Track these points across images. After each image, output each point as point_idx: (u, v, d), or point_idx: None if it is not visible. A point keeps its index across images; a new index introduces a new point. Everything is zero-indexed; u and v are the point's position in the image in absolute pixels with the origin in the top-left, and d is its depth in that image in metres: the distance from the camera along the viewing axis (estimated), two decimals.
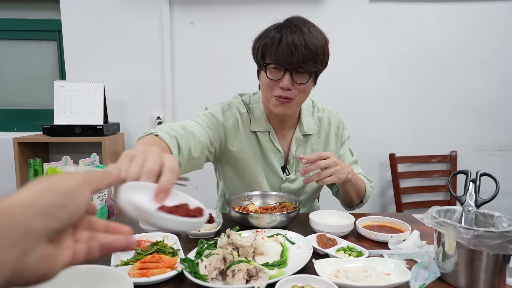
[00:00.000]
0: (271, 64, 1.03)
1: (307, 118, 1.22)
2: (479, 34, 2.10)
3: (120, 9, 2.12)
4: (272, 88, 1.06)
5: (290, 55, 0.98)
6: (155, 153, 0.56)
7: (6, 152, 2.03)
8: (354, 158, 1.30)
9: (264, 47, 1.03)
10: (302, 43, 0.98)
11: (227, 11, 2.10)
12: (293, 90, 1.04)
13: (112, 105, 2.16)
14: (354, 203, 1.23)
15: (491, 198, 0.79)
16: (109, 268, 0.68)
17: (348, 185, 1.10)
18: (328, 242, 0.90)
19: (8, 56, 2.31)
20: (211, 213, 1.12)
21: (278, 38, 1.00)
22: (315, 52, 1.01)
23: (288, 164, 1.22)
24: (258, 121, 1.17)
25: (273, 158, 1.19)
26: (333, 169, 0.99)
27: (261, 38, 1.06)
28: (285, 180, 1.22)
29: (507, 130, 2.18)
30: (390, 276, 0.73)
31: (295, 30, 1.00)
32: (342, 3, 2.10)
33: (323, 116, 1.25)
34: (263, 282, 0.68)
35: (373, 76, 2.16)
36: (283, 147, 1.21)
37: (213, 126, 1.12)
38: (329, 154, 1.00)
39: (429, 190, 2.19)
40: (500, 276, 0.70)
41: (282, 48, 0.98)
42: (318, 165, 0.98)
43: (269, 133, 1.18)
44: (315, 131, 1.23)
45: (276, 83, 1.04)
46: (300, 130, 1.21)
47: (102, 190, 0.47)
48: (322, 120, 1.25)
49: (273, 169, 1.20)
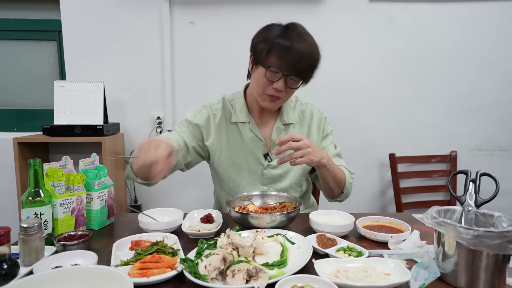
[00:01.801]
0: (272, 67, 1.08)
1: (287, 110, 1.30)
2: (479, 34, 2.10)
3: (120, 9, 2.12)
4: (266, 87, 1.13)
5: (297, 63, 1.06)
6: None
7: (6, 152, 2.03)
8: (337, 151, 1.35)
9: (272, 49, 1.07)
10: (309, 54, 1.08)
11: (227, 11, 2.10)
12: (283, 91, 1.13)
13: (112, 105, 2.16)
14: (334, 193, 1.24)
15: (491, 198, 0.79)
16: (109, 268, 0.68)
17: (325, 172, 1.13)
18: (328, 242, 0.90)
19: (8, 56, 2.31)
20: (211, 213, 1.12)
21: (288, 45, 1.06)
22: (315, 65, 1.12)
23: (270, 152, 1.28)
24: (239, 113, 1.26)
25: (254, 146, 1.26)
26: (304, 151, 1.03)
27: (265, 40, 1.10)
28: (267, 166, 1.27)
29: (507, 130, 2.18)
30: (390, 276, 0.73)
31: (301, 40, 1.07)
32: (342, 3, 2.10)
33: (305, 109, 1.33)
34: (263, 282, 0.68)
35: (373, 76, 2.15)
36: (265, 136, 1.27)
37: (186, 129, 1.26)
38: (301, 137, 1.05)
39: (429, 190, 2.19)
40: (500, 276, 0.70)
41: (292, 56, 1.06)
42: (289, 145, 1.03)
43: (250, 124, 1.26)
44: (295, 121, 1.30)
45: (270, 83, 1.11)
46: (281, 120, 1.28)
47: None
48: (305, 112, 1.33)
49: (255, 157, 1.26)
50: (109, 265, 0.80)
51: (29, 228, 0.81)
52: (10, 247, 0.76)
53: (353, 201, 2.26)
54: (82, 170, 1.09)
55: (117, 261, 0.82)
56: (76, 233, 0.93)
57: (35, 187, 0.93)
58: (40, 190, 0.94)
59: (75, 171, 1.08)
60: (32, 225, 0.82)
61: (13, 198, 2.03)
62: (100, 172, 1.10)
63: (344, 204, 2.23)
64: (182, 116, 1.31)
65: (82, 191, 1.05)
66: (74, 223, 1.03)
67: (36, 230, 0.82)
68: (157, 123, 2.19)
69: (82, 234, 0.93)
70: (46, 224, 0.95)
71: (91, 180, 1.08)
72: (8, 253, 0.75)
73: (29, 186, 0.93)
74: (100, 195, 1.10)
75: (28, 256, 0.81)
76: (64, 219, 1.00)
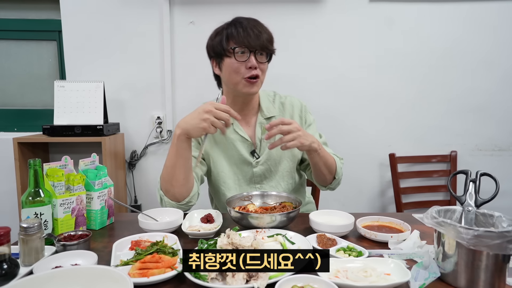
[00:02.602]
0: (238, 48, 1.14)
1: (266, 104, 1.32)
2: (479, 33, 2.10)
3: (120, 9, 2.12)
4: (239, 71, 1.16)
5: (257, 38, 1.14)
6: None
7: (6, 152, 2.03)
8: (323, 139, 1.35)
9: (230, 35, 1.16)
10: (263, 30, 1.18)
11: (227, 11, 2.09)
12: (257, 69, 1.17)
13: (112, 105, 2.16)
14: (327, 179, 1.24)
15: (491, 198, 0.79)
16: (109, 268, 0.68)
17: (316, 157, 1.14)
18: (328, 242, 0.90)
19: (8, 56, 2.31)
20: (211, 213, 1.12)
21: (241, 25, 1.16)
22: (272, 37, 1.21)
23: (256, 149, 1.29)
24: None
25: (241, 147, 1.28)
26: (295, 134, 1.05)
27: (218, 33, 1.20)
28: (255, 164, 1.28)
29: (507, 130, 2.18)
30: (390, 276, 0.73)
31: (249, 19, 1.20)
32: (342, 3, 2.09)
33: (285, 101, 1.35)
34: (263, 282, 0.68)
35: (373, 76, 2.15)
36: (249, 135, 1.30)
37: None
38: (291, 121, 1.07)
39: (429, 190, 2.19)
40: (500, 276, 0.70)
41: (249, 33, 1.14)
42: (279, 129, 1.04)
43: (233, 125, 1.28)
44: (276, 113, 1.32)
45: (243, 64, 1.16)
46: (262, 115, 1.31)
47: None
48: (285, 104, 1.34)
49: (243, 157, 1.28)
50: (109, 265, 0.80)
51: (29, 228, 0.81)
52: (10, 247, 0.76)
53: (353, 201, 2.27)
54: (82, 170, 1.09)
55: (117, 261, 0.82)
56: (76, 233, 0.93)
57: (35, 187, 0.93)
58: (40, 190, 0.94)
59: (75, 171, 1.08)
60: (32, 225, 0.82)
61: (13, 198, 2.03)
62: (100, 172, 1.11)
63: (344, 204, 2.24)
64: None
65: (82, 191, 1.05)
66: (74, 223, 1.03)
67: (36, 230, 0.82)
68: (157, 123, 2.18)
69: (82, 234, 0.93)
70: (46, 224, 0.95)
71: (91, 180, 1.08)
72: (8, 253, 0.75)
73: (29, 186, 0.93)
74: (100, 195, 1.10)
75: (28, 256, 0.81)
76: (64, 219, 1.00)
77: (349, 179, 2.22)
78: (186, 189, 1.13)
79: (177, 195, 1.13)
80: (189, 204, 1.16)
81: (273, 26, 1.28)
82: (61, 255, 0.83)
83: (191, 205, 1.18)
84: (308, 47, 2.13)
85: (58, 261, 0.81)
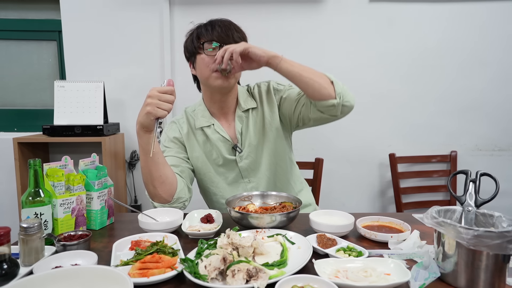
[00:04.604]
0: (206, 43, 1.18)
1: (244, 98, 1.32)
2: (479, 33, 2.10)
3: (120, 9, 2.12)
4: (209, 65, 1.18)
5: (225, 33, 1.17)
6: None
7: (6, 152, 2.03)
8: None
9: (200, 33, 1.20)
10: (232, 25, 1.21)
11: (227, 11, 2.10)
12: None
13: (112, 105, 2.16)
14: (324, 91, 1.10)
15: (491, 198, 0.79)
16: (109, 268, 0.68)
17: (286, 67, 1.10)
18: (328, 242, 0.90)
19: (8, 56, 2.31)
20: (211, 213, 1.12)
21: (211, 24, 1.20)
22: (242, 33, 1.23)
23: (238, 143, 1.29)
24: (201, 118, 1.31)
25: (223, 147, 1.29)
26: (233, 48, 1.08)
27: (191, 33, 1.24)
28: (240, 159, 1.29)
29: (507, 130, 2.18)
30: (390, 276, 0.73)
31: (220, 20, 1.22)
32: (342, 3, 2.10)
33: (255, 90, 1.34)
34: (263, 282, 0.68)
35: (373, 76, 2.15)
36: (230, 133, 1.30)
37: (172, 145, 1.30)
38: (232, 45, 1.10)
39: (429, 190, 2.19)
40: (500, 276, 0.70)
41: (217, 29, 1.18)
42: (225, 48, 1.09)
43: (214, 125, 1.29)
44: (253, 105, 1.31)
45: (212, 58, 1.16)
46: (239, 108, 1.30)
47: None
48: (255, 94, 1.34)
49: (226, 156, 1.28)
50: (109, 265, 0.80)
51: (29, 228, 0.81)
52: (10, 247, 0.76)
53: (353, 201, 2.27)
54: (82, 170, 1.09)
55: (117, 261, 0.82)
56: (76, 233, 0.93)
57: (35, 187, 0.93)
58: (40, 190, 0.94)
59: (75, 171, 1.08)
60: (32, 225, 0.82)
61: (13, 198, 2.03)
62: (100, 172, 1.10)
63: (344, 204, 2.24)
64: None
65: (82, 191, 1.05)
66: (74, 223, 1.03)
67: (36, 230, 0.82)
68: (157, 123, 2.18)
69: (82, 234, 0.93)
70: (46, 224, 0.95)
71: (91, 180, 1.08)
72: (8, 253, 0.75)
73: (29, 186, 0.93)
74: (100, 195, 1.10)
75: (28, 256, 0.81)
76: (64, 219, 1.00)
77: (349, 179, 2.23)
78: (169, 186, 1.13)
79: (163, 195, 1.14)
80: (180, 200, 1.16)
81: (273, 26, 1.28)
82: (61, 255, 0.83)
83: (184, 201, 1.18)
84: (307, 47, 2.13)
85: (58, 261, 0.81)
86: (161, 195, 1.14)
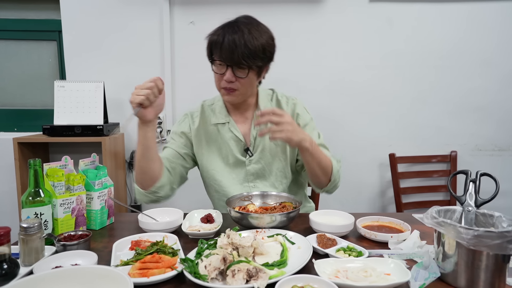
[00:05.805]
0: (216, 60, 1.15)
1: (264, 102, 1.30)
2: (479, 34, 2.10)
3: (120, 9, 2.12)
4: (219, 81, 1.17)
5: (231, 53, 1.09)
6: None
7: (6, 152, 2.03)
8: (320, 141, 1.28)
9: (211, 44, 1.16)
10: (242, 43, 1.09)
11: (227, 11, 2.08)
12: (235, 82, 1.15)
13: (112, 105, 2.15)
14: (322, 181, 1.18)
15: (491, 198, 0.79)
16: (109, 268, 0.68)
17: (308, 156, 1.10)
18: (328, 242, 0.90)
19: (8, 56, 2.31)
20: (211, 213, 1.12)
21: (222, 38, 1.12)
22: (254, 51, 1.11)
23: (250, 146, 1.28)
24: (218, 114, 1.30)
25: (234, 146, 1.27)
26: (284, 127, 1.02)
27: (211, 35, 1.17)
28: (249, 162, 1.27)
29: (507, 130, 2.18)
30: (390, 276, 0.73)
31: (236, 31, 1.11)
32: (342, 3, 2.09)
33: (283, 103, 1.32)
34: (263, 282, 0.68)
35: (373, 76, 2.15)
36: (245, 132, 1.28)
37: (175, 140, 1.30)
38: (284, 113, 1.04)
39: (429, 190, 2.19)
40: (500, 276, 0.70)
41: (225, 46, 1.10)
42: (269, 118, 1.02)
43: (229, 124, 1.28)
44: None
45: (221, 76, 1.15)
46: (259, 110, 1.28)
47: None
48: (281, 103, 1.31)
49: (236, 155, 1.27)
50: (109, 265, 0.80)
51: (29, 228, 0.81)
52: (10, 247, 0.76)
53: (353, 201, 2.27)
54: (82, 170, 1.09)
55: (117, 261, 0.82)
56: (76, 233, 0.93)
57: (35, 187, 0.93)
58: (40, 190, 0.94)
59: (75, 171, 1.08)
60: (32, 225, 0.82)
61: (13, 198, 2.03)
62: (100, 172, 1.11)
63: (344, 204, 2.24)
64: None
65: (82, 191, 1.05)
66: (74, 223, 1.03)
67: (36, 230, 0.82)
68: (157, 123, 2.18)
69: (82, 234, 0.93)
70: (46, 224, 0.95)
71: (91, 180, 1.08)
72: (8, 253, 0.75)
73: (29, 186, 0.93)
74: (100, 195, 1.10)
75: (28, 256, 0.81)
76: (64, 219, 1.00)
77: (349, 179, 2.23)
78: (149, 179, 1.14)
79: (143, 182, 1.15)
80: (156, 194, 1.16)
81: (273, 26, 1.28)
82: (61, 255, 0.83)
83: (159, 196, 1.17)
84: (307, 47, 2.13)
85: (58, 261, 0.81)
86: (142, 182, 1.16)
